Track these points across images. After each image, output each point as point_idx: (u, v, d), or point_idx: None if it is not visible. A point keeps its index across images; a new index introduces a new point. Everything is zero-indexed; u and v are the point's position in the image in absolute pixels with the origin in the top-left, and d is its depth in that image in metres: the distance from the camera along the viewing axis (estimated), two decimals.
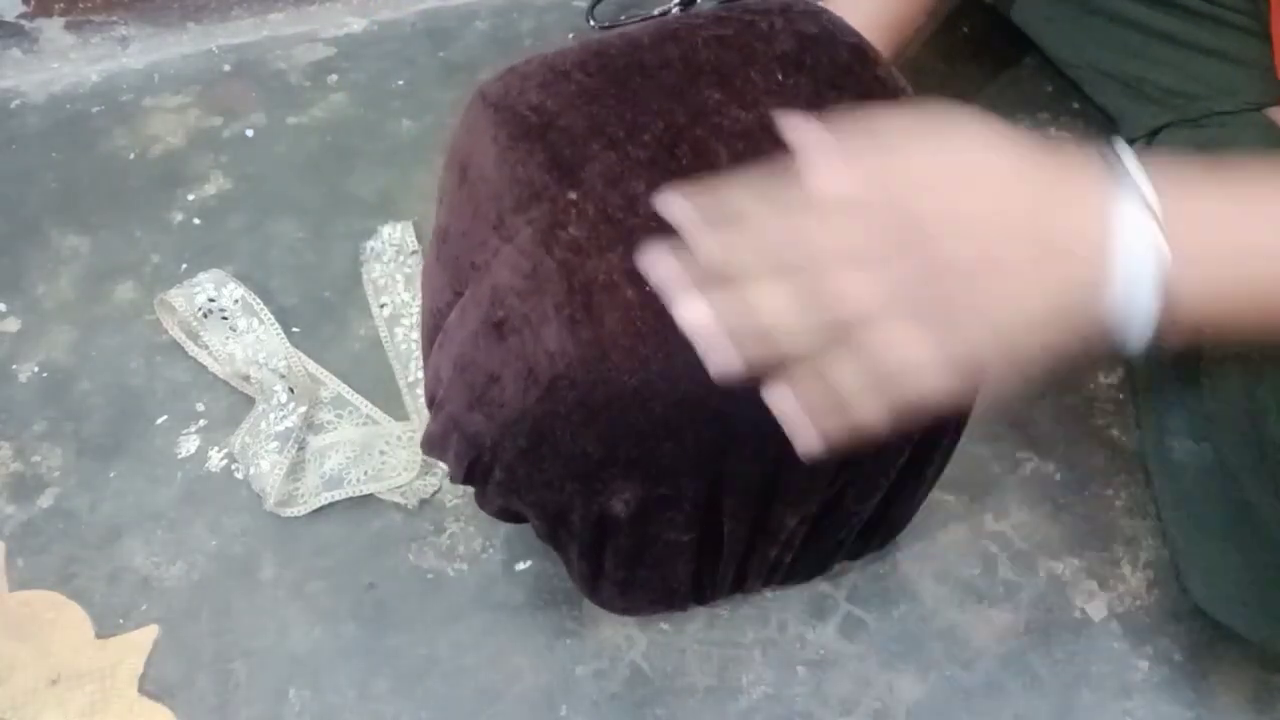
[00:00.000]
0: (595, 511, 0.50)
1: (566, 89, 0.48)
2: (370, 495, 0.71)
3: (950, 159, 0.40)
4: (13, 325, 0.80)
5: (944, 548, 0.69)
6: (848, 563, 0.67)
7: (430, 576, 0.68)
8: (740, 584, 0.61)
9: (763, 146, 0.46)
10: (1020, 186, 0.39)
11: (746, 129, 0.47)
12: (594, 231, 0.43)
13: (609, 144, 0.46)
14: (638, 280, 0.42)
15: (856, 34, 0.53)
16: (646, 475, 0.47)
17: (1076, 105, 0.92)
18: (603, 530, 0.52)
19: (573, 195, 0.44)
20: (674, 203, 0.42)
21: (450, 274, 0.49)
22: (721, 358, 0.39)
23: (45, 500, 0.72)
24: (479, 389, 0.45)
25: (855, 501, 0.55)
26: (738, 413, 0.43)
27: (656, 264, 0.41)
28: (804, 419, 0.40)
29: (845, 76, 0.50)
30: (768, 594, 0.67)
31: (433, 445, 0.48)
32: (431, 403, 0.48)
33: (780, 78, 0.49)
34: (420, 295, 0.53)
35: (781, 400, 0.40)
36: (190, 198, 0.88)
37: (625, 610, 0.64)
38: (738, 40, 0.51)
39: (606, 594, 0.61)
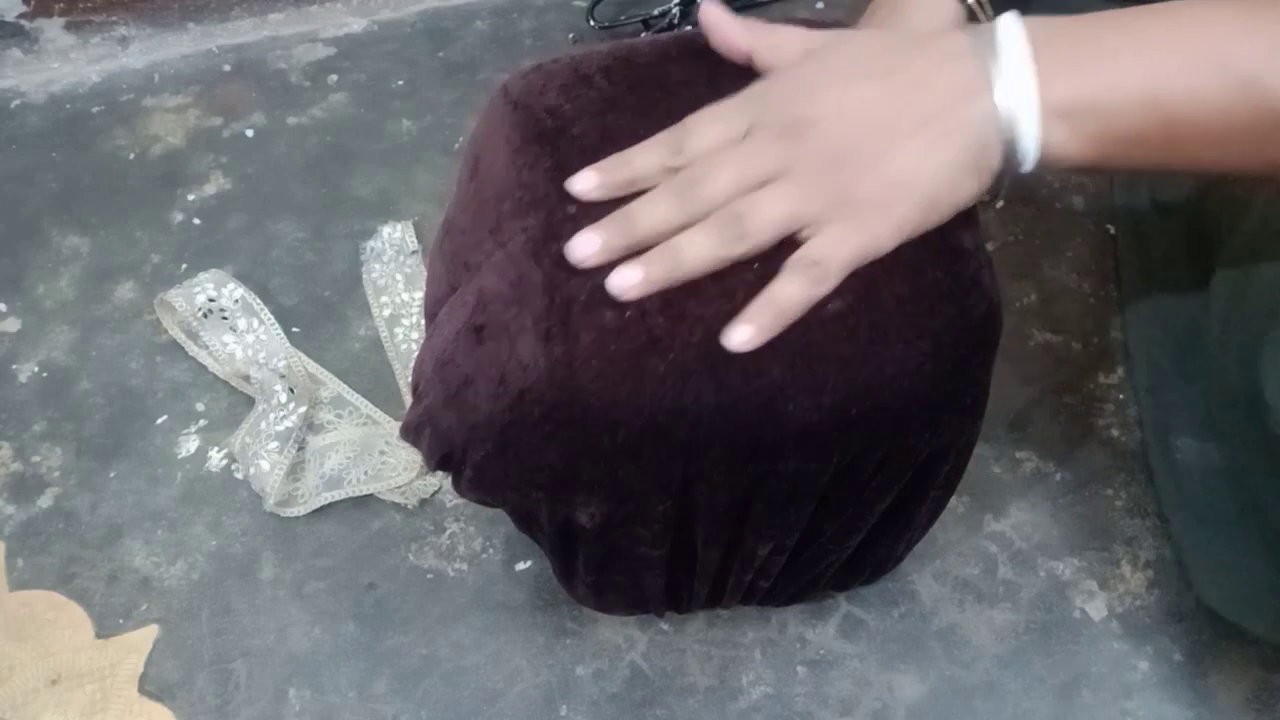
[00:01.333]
0: (561, 518, 0.50)
1: (587, 94, 0.48)
2: (370, 495, 0.71)
3: (827, 64, 0.44)
4: (13, 325, 0.80)
5: (944, 548, 0.69)
6: (834, 593, 0.67)
7: (430, 576, 0.68)
8: (716, 600, 0.62)
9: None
10: (896, 61, 0.43)
11: None
12: None
13: None
14: (619, 303, 0.42)
15: None
16: (611, 494, 0.47)
17: None
18: (571, 535, 0.53)
19: (571, 209, 0.44)
20: (580, 179, 0.44)
21: (448, 268, 0.49)
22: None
23: (45, 500, 0.72)
24: (454, 388, 0.45)
25: (833, 541, 0.55)
26: (704, 442, 0.44)
27: (578, 245, 0.42)
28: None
29: None
30: None
31: (409, 433, 0.49)
32: (415, 390, 0.49)
33: None
34: (424, 286, 0.55)
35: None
36: (190, 198, 0.88)
37: (600, 609, 0.64)
38: None
39: (581, 592, 0.61)
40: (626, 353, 0.42)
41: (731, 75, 0.49)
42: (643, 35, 0.98)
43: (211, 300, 0.77)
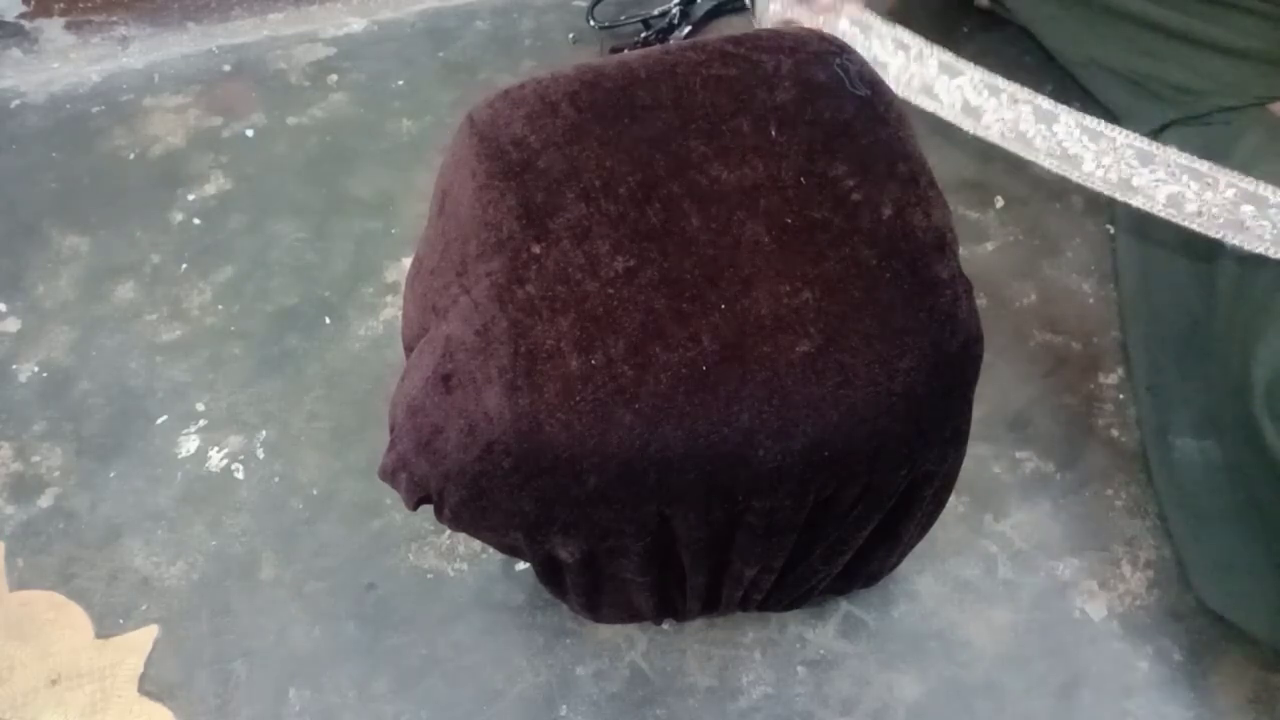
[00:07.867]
0: (543, 554, 0.50)
1: (553, 123, 0.47)
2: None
3: None
4: (13, 325, 0.80)
5: (944, 548, 0.69)
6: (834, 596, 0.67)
7: (430, 576, 0.68)
8: (711, 610, 0.62)
9: (734, 215, 0.45)
10: None
11: (722, 191, 0.46)
12: (550, 291, 0.43)
13: (582, 194, 0.45)
14: (584, 349, 0.42)
15: (873, 80, 0.50)
16: (588, 534, 0.47)
17: (1077, 104, 0.92)
18: (556, 566, 0.53)
19: (536, 249, 0.44)
20: None
21: (419, 309, 0.49)
22: None
23: (45, 500, 0.72)
24: (425, 436, 0.45)
25: (821, 560, 0.55)
26: (675, 486, 0.44)
27: None
28: None
29: (842, 138, 0.48)
30: None
31: (386, 475, 0.49)
32: (391, 430, 0.49)
33: (772, 133, 0.48)
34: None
35: None
36: (190, 198, 0.88)
37: (597, 620, 0.65)
38: (738, 84, 0.49)
39: (576, 607, 0.61)
40: (593, 403, 0.42)
41: (698, 96, 0.48)
42: (641, 35, 0.98)
43: None
